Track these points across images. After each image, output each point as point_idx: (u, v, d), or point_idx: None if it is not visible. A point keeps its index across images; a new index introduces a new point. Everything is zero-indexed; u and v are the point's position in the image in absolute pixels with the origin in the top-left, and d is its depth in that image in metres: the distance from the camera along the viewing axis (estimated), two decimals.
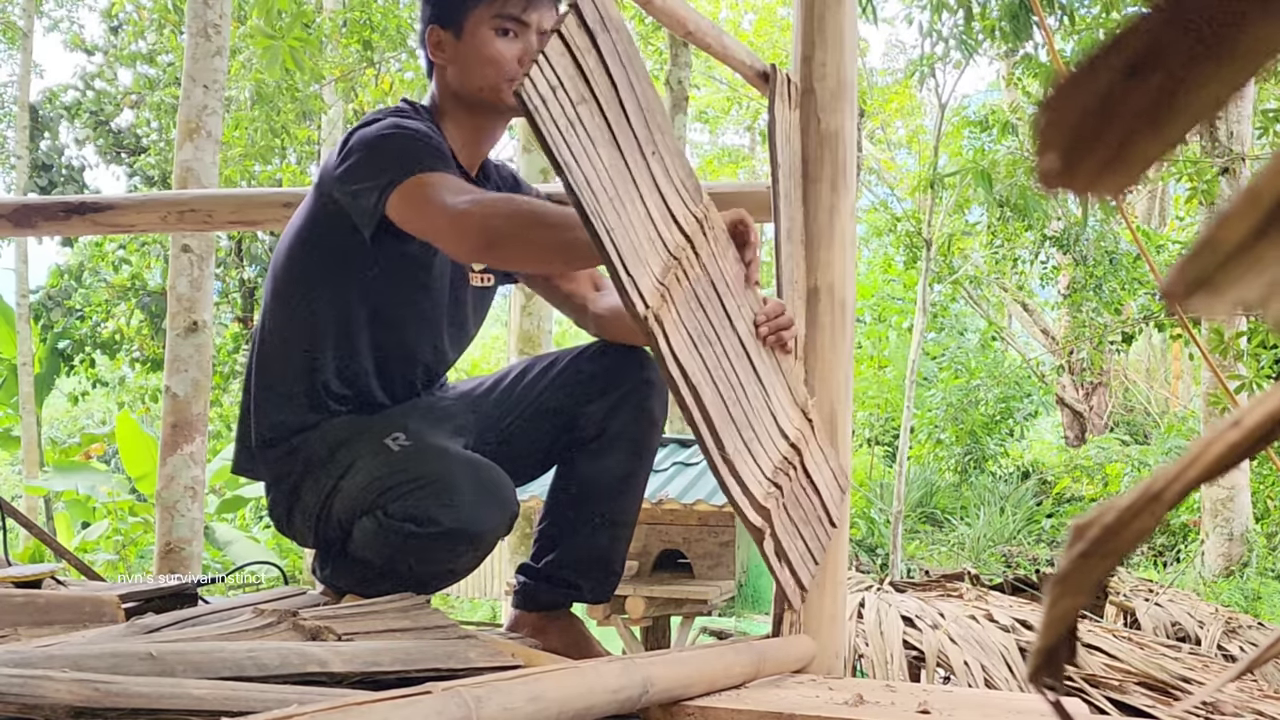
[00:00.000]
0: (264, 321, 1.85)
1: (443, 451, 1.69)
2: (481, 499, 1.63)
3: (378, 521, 1.64)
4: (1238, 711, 2.44)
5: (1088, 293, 10.26)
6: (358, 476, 1.69)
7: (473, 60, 1.78)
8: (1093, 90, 0.27)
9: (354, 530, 1.71)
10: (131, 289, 11.34)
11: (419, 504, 1.61)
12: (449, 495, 1.61)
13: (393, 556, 1.65)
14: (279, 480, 1.81)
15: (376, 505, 1.65)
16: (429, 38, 1.82)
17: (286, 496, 1.80)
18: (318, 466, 1.75)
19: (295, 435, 1.78)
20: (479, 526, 1.63)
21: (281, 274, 1.82)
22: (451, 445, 1.73)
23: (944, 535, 11.46)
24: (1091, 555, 0.30)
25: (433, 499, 1.61)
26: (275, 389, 1.81)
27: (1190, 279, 0.26)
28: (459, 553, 1.67)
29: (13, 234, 2.88)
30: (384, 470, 1.66)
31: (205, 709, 0.97)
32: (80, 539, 8.40)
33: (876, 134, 14.33)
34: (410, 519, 1.61)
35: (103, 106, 13.48)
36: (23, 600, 1.54)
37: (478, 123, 1.83)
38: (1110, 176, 0.27)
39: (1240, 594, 8.46)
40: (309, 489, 1.76)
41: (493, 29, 1.78)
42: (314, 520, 1.77)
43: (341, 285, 1.76)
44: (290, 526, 1.84)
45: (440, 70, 1.82)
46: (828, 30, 1.91)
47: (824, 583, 1.82)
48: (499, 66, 1.78)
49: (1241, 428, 0.28)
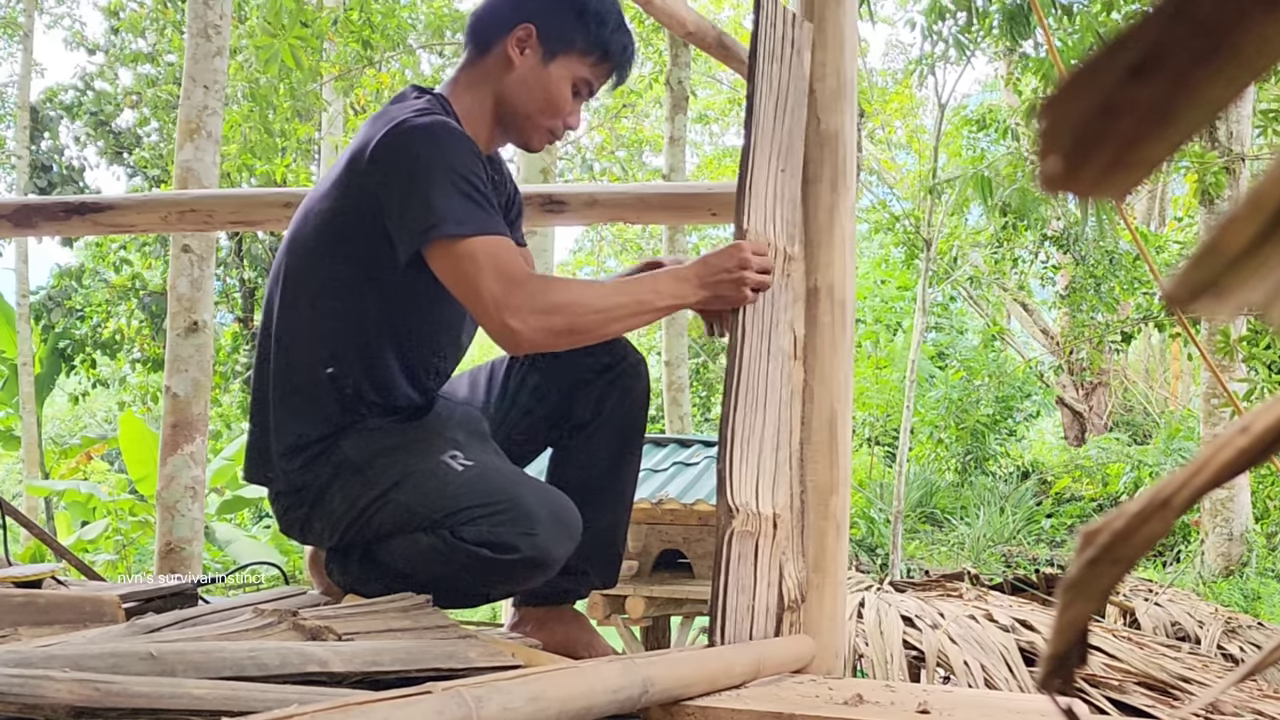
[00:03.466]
0: (275, 327, 1.78)
1: (513, 477, 1.70)
2: (558, 529, 1.65)
3: (443, 540, 1.62)
4: (1238, 712, 2.44)
5: (1087, 293, 10.26)
6: (413, 492, 1.66)
7: (540, 90, 1.76)
8: (1095, 92, 0.27)
9: (398, 542, 1.68)
10: (132, 289, 11.35)
11: (496, 530, 1.60)
12: (529, 524, 1.61)
13: (451, 575, 1.64)
14: (302, 488, 1.76)
15: (442, 525, 1.62)
16: (518, 31, 1.75)
17: (309, 502, 1.76)
18: (351, 472, 1.71)
19: (319, 442, 1.74)
20: (554, 556, 1.65)
21: (299, 276, 1.76)
22: (515, 469, 1.75)
23: (944, 535, 11.45)
24: (1101, 562, 0.30)
25: (511, 526, 1.60)
26: (297, 396, 1.75)
27: (1195, 283, 0.26)
28: (527, 580, 1.69)
29: (13, 234, 2.88)
30: (449, 491, 1.64)
31: (205, 709, 0.97)
32: (80, 539, 8.40)
33: (876, 134, 14.32)
34: (486, 544, 1.60)
35: (103, 106, 13.47)
36: (23, 600, 1.54)
37: (496, 132, 1.82)
38: (1114, 179, 0.27)
39: (1240, 594, 8.46)
40: (338, 494, 1.72)
41: (573, 79, 1.78)
42: (342, 526, 1.73)
43: (367, 287, 1.72)
44: (306, 530, 1.79)
45: (502, 68, 1.77)
46: (828, 30, 1.91)
47: (824, 583, 1.82)
48: (556, 116, 1.79)
49: (1250, 433, 0.28)
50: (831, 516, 1.84)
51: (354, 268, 1.72)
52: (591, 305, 1.63)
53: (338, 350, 1.74)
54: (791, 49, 1.76)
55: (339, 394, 1.74)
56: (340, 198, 1.72)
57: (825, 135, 1.90)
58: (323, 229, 1.74)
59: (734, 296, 1.67)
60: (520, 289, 1.59)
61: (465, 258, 1.59)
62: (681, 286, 1.67)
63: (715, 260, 1.67)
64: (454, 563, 1.62)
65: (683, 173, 8.86)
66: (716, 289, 1.67)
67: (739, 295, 1.67)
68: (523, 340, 1.62)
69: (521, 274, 1.61)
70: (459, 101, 1.78)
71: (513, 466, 1.76)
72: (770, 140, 1.71)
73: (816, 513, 1.84)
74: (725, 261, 1.66)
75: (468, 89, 1.79)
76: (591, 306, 1.63)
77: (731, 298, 1.67)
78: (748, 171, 1.68)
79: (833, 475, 1.85)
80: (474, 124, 1.77)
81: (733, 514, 1.60)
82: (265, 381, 1.79)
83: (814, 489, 1.84)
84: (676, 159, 8.74)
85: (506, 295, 1.58)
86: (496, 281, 1.58)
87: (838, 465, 1.86)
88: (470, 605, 1.70)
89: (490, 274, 1.59)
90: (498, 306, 1.58)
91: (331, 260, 1.74)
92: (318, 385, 1.74)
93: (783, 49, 1.74)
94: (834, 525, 1.84)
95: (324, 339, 1.75)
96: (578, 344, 1.74)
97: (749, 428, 1.66)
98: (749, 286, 1.67)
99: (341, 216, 1.72)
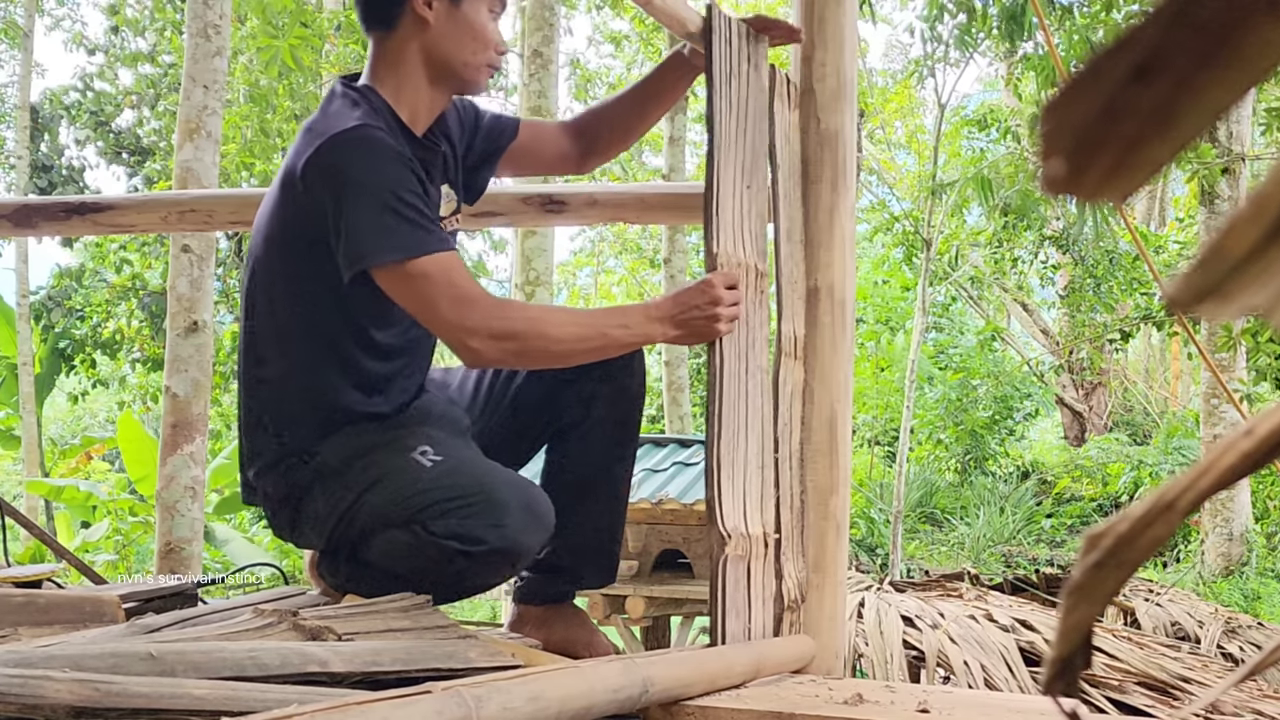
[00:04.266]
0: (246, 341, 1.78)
1: (483, 469, 1.69)
2: (528, 520, 1.64)
3: (415, 535, 1.62)
4: (1237, 712, 2.44)
5: (1086, 293, 10.26)
6: (386, 491, 1.66)
7: (465, 33, 1.72)
8: (1098, 94, 0.27)
9: (377, 540, 1.68)
10: (132, 289, 11.34)
11: (465, 523, 1.59)
12: (498, 515, 1.60)
13: (426, 569, 1.63)
14: (285, 498, 1.77)
15: (413, 520, 1.62)
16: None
17: (292, 508, 1.76)
18: (330, 477, 1.72)
19: (299, 453, 1.74)
20: (525, 547, 1.64)
21: (262, 285, 1.75)
22: (487, 461, 1.73)
23: (944, 535, 11.45)
24: (1106, 565, 0.30)
25: (480, 518, 1.60)
26: (276, 406, 1.76)
27: (1198, 286, 0.25)
28: (501, 571, 1.68)
29: (13, 234, 2.88)
30: (419, 486, 1.64)
31: (205, 709, 0.97)
32: (80, 539, 8.39)
33: (876, 134, 14.32)
34: (455, 537, 1.59)
35: (103, 107, 13.47)
36: (23, 600, 1.54)
37: (436, 93, 1.76)
38: (1116, 182, 0.27)
39: (1240, 594, 8.46)
40: (320, 499, 1.73)
41: (488, 7, 1.75)
42: (328, 529, 1.74)
43: (328, 298, 1.70)
44: (297, 534, 1.80)
45: (415, 25, 1.70)
46: (828, 30, 1.91)
47: (824, 583, 1.82)
48: (487, 48, 1.75)
49: (1254, 436, 0.28)
50: (831, 516, 1.84)
51: (311, 283, 1.70)
52: (549, 335, 1.63)
53: (309, 361, 1.73)
54: (748, 64, 1.77)
55: (315, 403, 1.74)
56: (282, 217, 1.71)
57: (825, 135, 1.90)
58: (272, 249, 1.73)
59: (707, 332, 1.67)
60: (475, 310, 1.60)
61: (416, 278, 1.59)
62: (652, 327, 1.67)
63: (687, 298, 1.67)
64: (427, 557, 1.62)
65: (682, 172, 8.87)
66: (689, 326, 1.67)
67: (712, 331, 1.66)
68: (482, 359, 1.65)
69: (475, 293, 1.61)
70: (384, 86, 1.73)
71: (485, 459, 1.74)
72: (733, 159, 1.72)
73: (816, 513, 1.84)
74: (697, 299, 1.66)
75: (389, 70, 1.73)
76: (550, 336, 1.63)
77: (705, 333, 1.67)
78: (713, 194, 1.68)
79: (833, 475, 1.85)
80: (408, 100, 1.73)
81: (725, 541, 1.61)
82: (247, 397, 1.80)
83: (814, 489, 1.84)
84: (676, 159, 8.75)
85: (462, 318, 1.59)
86: (451, 305, 1.59)
87: (838, 465, 1.86)
88: (449, 600, 1.68)
89: (444, 295, 1.59)
90: (453, 328, 1.60)
91: (286, 279, 1.73)
92: (294, 395, 1.75)
93: (739, 65, 1.74)
94: (834, 525, 1.84)
95: (294, 349, 1.74)
96: (540, 367, 1.76)
97: (734, 450, 1.66)
98: (722, 321, 1.66)
99: (287, 233, 1.70)
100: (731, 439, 1.66)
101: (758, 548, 1.69)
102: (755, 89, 1.78)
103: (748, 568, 1.66)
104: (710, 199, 1.68)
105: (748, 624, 1.65)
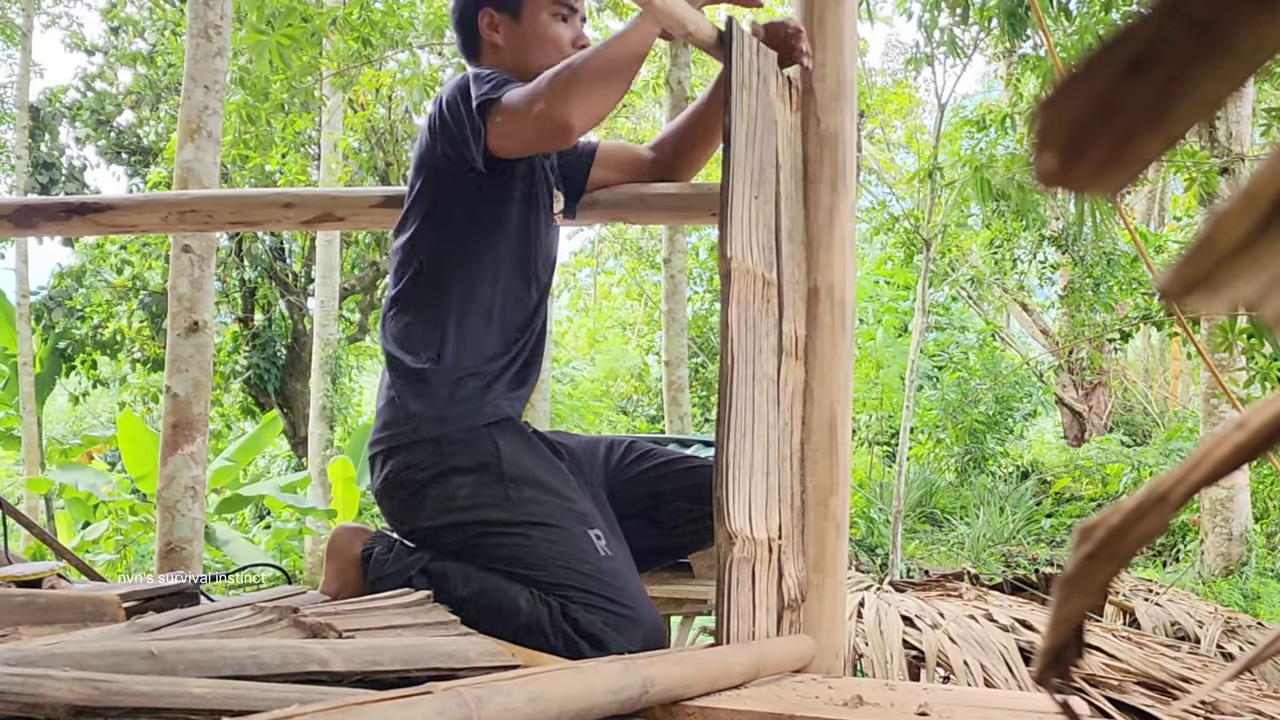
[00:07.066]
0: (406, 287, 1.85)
1: (638, 585, 1.72)
2: (651, 644, 1.67)
3: (548, 607, 1.63)
4: (1237, 711, 2.44)
5: (1085, 293, 10.25)
6: (553, 544, 1.67)
7: (533, 41, 1.87)
8: (1091, 89, 0.27)
9: (494, 577, 1.67)
10: (132, 289, 11.34)
11: (607, 631, 1.62)
12: (633, 634, 1.64)
13: (521, 632, 1.62)
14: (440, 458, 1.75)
15: (560, 592, 1.64)
16: (482, 20, 1.88)
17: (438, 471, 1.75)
18: (493, 476, 1.72)
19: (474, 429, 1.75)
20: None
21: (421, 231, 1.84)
22: (638, 576, 1.76)
23: (944, 535, 11.45)
24: (1098, 557, 0.30)
25: (620, 632, 1.63)
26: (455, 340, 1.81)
27: (1188, 278, 0.26)
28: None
29: (13, 234, 2.88)
30: (585, 568, 1.66)
31: (206, 708, 0.97)
32: (80, 539, 8.39)
33: (876, 134, 14.31)
34: (589, 637, 1.61)
35: (103, 106, 13.47)
36: (23, 599, 1.54)
37: None
38: (1109, 175, 0.27)
39: (1239, 594, 8.45)
40: (470, 484, 1.72)
41: (551, 13, 1.88)
42: (448, 516, 1.73)
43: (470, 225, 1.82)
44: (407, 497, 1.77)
45: (492, 51, 1.89)
46: (827, 30, 1.91)
47: (824, 582, 1.82)
48: (559, 48, 1.87)
49: (1246, 430, 0.28)
50: (831, 516, 1.84)
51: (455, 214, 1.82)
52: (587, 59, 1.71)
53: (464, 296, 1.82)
54: (758, 77, 1.77)
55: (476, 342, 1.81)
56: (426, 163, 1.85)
57: (825, 135, 1.90)
58: (417, 201, 1.85)
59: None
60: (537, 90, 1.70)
61: (506, 110, 1.71)
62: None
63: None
64: (540, 628, 1.62)
65: None
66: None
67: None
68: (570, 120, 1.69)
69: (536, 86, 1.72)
70: None
71: (635, 570, 1.77)
72: (744, 169, 1.73)
73: (816, 513, 1.84)
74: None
75: None
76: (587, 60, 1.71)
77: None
78: (728, 202, 1.69)
79: (833, 475, 1.85)
80: None
81: (732, 541, 1.61)
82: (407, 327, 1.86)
83: (814, 489, 1.84)
84: None
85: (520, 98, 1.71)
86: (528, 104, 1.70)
87: (838, 465, 1.86)
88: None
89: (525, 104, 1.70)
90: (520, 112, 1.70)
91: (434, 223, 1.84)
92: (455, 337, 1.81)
93: (751, 78, 1.75)
94: (834, 525, 1.84)
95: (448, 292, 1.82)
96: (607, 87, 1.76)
97: (741, 454, 1.66)
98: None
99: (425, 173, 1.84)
100: (739, 443, 1.66)
101: (762, 551, 1.69)
102: (764, 101, 1.80)
103: (752, 570, 1.66)
104: (725, 208, 1.69)
105: (751, 626, 1.66)
